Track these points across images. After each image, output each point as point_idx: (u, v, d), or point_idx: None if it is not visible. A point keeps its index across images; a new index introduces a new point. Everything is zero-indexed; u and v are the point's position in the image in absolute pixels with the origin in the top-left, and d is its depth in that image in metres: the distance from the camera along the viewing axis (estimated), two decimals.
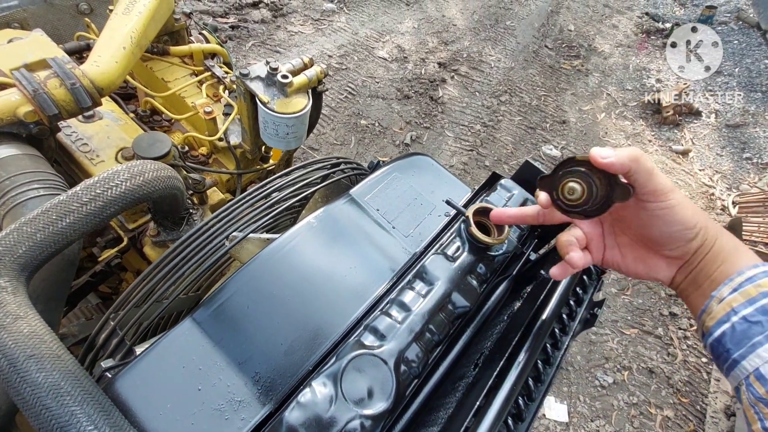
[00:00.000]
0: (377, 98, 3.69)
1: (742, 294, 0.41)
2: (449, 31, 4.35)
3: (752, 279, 0.41)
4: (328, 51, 3.96)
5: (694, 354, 2.85)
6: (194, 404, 0.54)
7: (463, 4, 4.68)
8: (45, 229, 0.54)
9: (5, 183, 0.64)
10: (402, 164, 0.84)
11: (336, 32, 4.16)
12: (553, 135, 3.67)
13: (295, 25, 4.17)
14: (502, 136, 3.61)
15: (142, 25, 0.83)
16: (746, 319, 0.40)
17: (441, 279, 0.59)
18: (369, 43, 4.09)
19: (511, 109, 3.81)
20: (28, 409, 0.43)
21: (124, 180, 0.60)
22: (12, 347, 0.46)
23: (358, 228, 0.72)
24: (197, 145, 1.03)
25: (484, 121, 3.69)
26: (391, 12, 4.45)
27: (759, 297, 0.40)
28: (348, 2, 4.44)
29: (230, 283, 0.62)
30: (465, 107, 3.76)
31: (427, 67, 4.00)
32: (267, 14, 4.17)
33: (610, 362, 2.69)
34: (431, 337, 0.56)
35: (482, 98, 3.85)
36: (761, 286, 0.40)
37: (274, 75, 0.80)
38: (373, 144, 3.39)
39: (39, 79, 0.68)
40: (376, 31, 4.24)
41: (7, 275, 0.52)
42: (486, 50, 4.24)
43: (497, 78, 4.03)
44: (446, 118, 3.68)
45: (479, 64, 4.10)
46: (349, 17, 4.32)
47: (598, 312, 0.71)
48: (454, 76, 3.98)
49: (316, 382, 0.48)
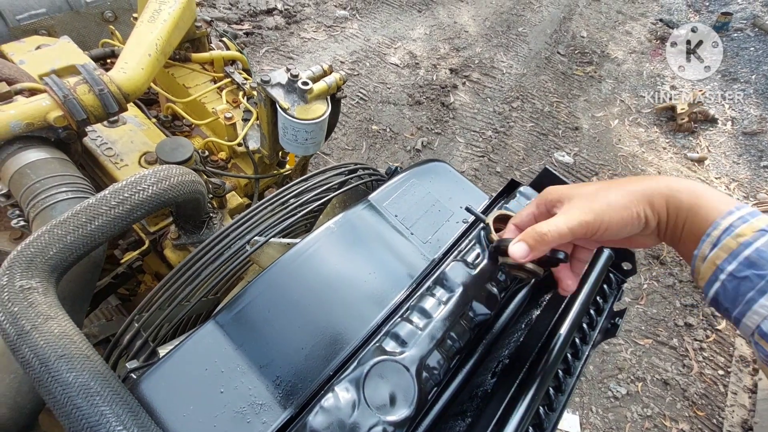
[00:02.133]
0: (389, 104, 3.71)
1: (723, 249, 0.39)
2: (461, 38, 4.36)
3: (729, 230, 0.39)
4: (341, 57, 4.00)
5: (710, 366, 2.79)
6: (216, 407, 0.54)
7: (475, 10, 4.69)
8: (75, 231, 0.56)
9: (35, 186, 0.66)
10: (420, 170, 0.84)
11: (348, 39, 4.20)
12: (565, 141, 3.65)
13: (308, 31, 4.23)
14: (513, 143, 3.60)
15: (167, 33, 0.85)
16: (734, 276, 0.38)
17: (461, 286, 0.59)
18: (381, 50, 4.12)
19: (522, 115, 3.80)
20: (58, 408, 0.44)
21: (151, 184, 0.61)
22: (43, 347, 0.47)
23: (376, 234, 0.73)
24: (217, 149, 1.05)
25: (495, 127, 3.68)
26: (403, 19, 4.48)
27: (741, 249, 0.38)
28: (360, 9, 4.49)
29: (252, 287, 0.63)
30: (476, 113, 3.76)
31: (438, 73, 4.01)
32: (281, 21, 4.23)
33: (624, 373, 2.65)
34: (452, 345, 0.56)
35: (494, 104, 3.84)
36: (740, 236, 0.38)
37: (295, 82, 0.82)
38: (384, 149, 3.40)
39: (69, 85, 0.70)
40: (388, 37, 4.27)
41: (39, 276, 0.53)
42: (498, 56, 4.24)
43: (509, 84, 4.02)
44: (457, 124, 3.68)
45: (491, 71, 4.10)
46: (361, 24, 4.36)
47: (620, 322, 0.70)
48: (466, 82, 3.99)
49: (339, 387, 0.49)
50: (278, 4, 4.32)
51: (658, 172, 3.56)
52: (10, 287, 0.51)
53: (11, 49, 0.98)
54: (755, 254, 0.37)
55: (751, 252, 0.37)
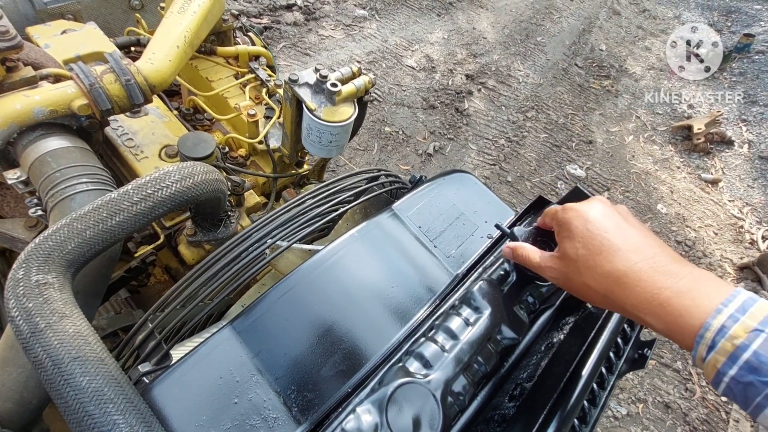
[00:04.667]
0: (403, 106, 3.69)
1: (720, 353, 0.38)
2: (479, 44, 4.34)
3: (723, 331, 0.38)
4: (357, 56, 3.98)
5: (714, 392, 2.74)
6: (230, 418, 0.52)
7: (495, 17, 4.66)
8: (95, 226, 0.54)
9: (56, 175, 0.64)
10: (445, 181, 0.82)
11: (366, 38, 4.18)
12: (578, 155, 3.61)
13: (327, 29, 4.21)
14: (526, 153, 3.57)
15: (196, 25, 0.83)
16: (738, 381, 0.38)
17: (489, 307, 0.57)
18: (398, 51, 4.10)
19: (537, 125, 3.77)
20: (70, 413, 0.42)
21: (175, 181, 0.59)
22: (57, 347, 0.45)
23: (400, 245, 0.71)
24: (236, 146, 1.03)
25: (508, 136, 3.65)
26: (422, 21, 4.46)
27: (738, 352, 0.37)
28: (380, 10, 4.47)
29: (271, 294, 0.60)
30: (490, 121, 3.73)
31: (454, 78, 3.98)
32: (300, 17, 4.22)
33: (625, 393, 2.61)
34: (478, 369, 0.53)
35: (508, 113, 3.81)
36: (735, 338, 0.38)
37: (324, 83, 0.79)
38: (395, 152, 3.38)
39: (95, 74, 0.68)
40: (406, 39, 4.25)
41: (55, 271, 0.51)
42: (515, 65, 4.21)
43: (525, 93, 3.99)
44: (471, 131, 3.65)
45: (507, 79, 4.07)
46: (379, 24, 4.34)
47: (648, 353, 0.67)
48: (481, 89, 3.96)
49: (361, 408, 0.46)
50: (298, 0, 4.31)
51: (670, 191, 3.52)
52: (25, 282, 0.49)
53: (37, 32, 0.96)
54: (754, 359, 0.37)
55: (749, 356, 0.37)
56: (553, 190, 3.35)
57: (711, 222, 3.39)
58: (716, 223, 3.39)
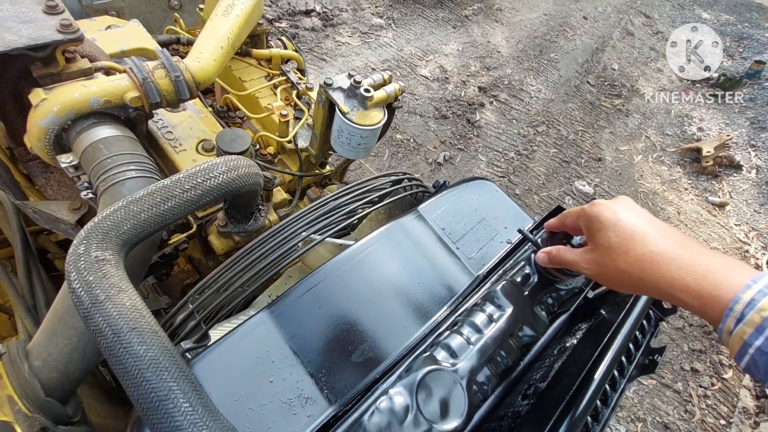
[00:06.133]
0: (415, 115, 3.74)
1: (748, 324, 0.40)
2: (493, 57, 4.40)
3: (751, 304, 0.41)
4: (372, 64, 4.05)
5: (713, 415, 2.74)
6: (266, 395, 0.56)
7: (509, 32, 4.74)
8: (149, 210, 0.58)
9: (107, 161, 0.68)
10: (468, 187, 0.86)
11: (382, 47, 4.26)
12: (587, 171, 3.65)
13: (344, 36, 4.29)
14: (535, 167, 3.60)
15: (238, 28, 0.88)
16: (763, 351, 0.40)
17: (511, 305, 0.60)
18: (412, 61, 4.17)
19: (547, 140, 3.81)
20: (128, 379, 0.46)
21: (222, 173, 0.63)
22: (116, 318, 0.49)
23: (425, 244, 0.74)
24: (265, 144, 1.07)
25: (518, 149, 3.69)
26: (437, 33, 4.54)
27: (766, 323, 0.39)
28: (396, 19, 4.55)
29: (305, 283, 0.64)
30: (501, 133, 3.78)
31: (467, 89, 4.04)
32: (318, 23, 4.30)
33: (624, 411, 2.61)
34: (501, 362, 0.57)
35: (519, 126, 3.86)
36: (763, 310, 0.40)
37: (357, 88, 0.84)
38: (406, 159, 3.43)
39: (148, 69, 0.73)
40: (421, 49, 4.32)
41: (112, 249, 0.55)
42: (527, 80, 4.26)
43: (536, 108, 4.04)
44: (481, 142, 3.70)
45: (519, 93, 4.12)
46: (396, 33, 4.42)
47: (659, 359, 0.70)
48: (493, 102, 4.01)
49: (393, 390, 0.50)
50: (317, 6, 4.40)
51: (677, 212, 3.54)
52: (86, 257, 0.53)
53: (83, 26, 1.01)
54: None
55: None
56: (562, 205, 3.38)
57: (717, 245, 3.40)
58: (722, 246, 3.40)
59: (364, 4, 4.62)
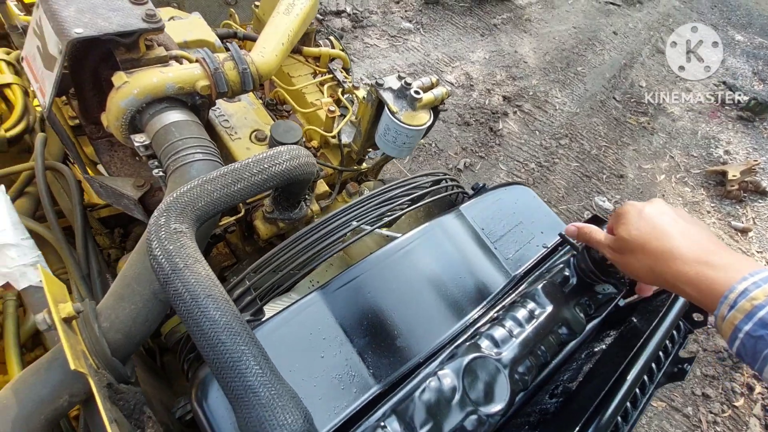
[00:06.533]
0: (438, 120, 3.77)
1: (739, 310, 0.44)
2: (519, 67, 4.41)
3: (744, 293, 0.44)
4: (398, 67, 4.10)
5: None
6: (317, 369, 0.60)
7: (537, 43, 4.74)
8: (221, 189, 0.63)
9: (178, 143, 0.73)
10: (507, 191, 0.89)
11: (409, 51, 4.31)
12: (608, 187, 3.63)
13: (372, 38, 4.35)
14: (555, 179, 3.60)
15: (297, 26, 0.93)
16: (750, 335, 0.43)
17: (551, 304, 0.63)
18: (439, 66, 4.21)
19: (569, 153, 3.80)
20: (205, 340, 0.50)
21: (286, 160, 0.68)
22: (194, 284, 0.54)
23: (466, 241, 0.78)
24: (309, 138, 1.12)
25: (539, 161, 3.69)
26: (465, 39, 4.57)
27: (755, 310, 0.43)
28: (425, 24, 4.60)
29: (356, 268, 0.68)
30: (523, 144, 3.79)
31: (491, 98, 4.06)
32: (347, 24, 4.38)
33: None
34: (540, 356, 0.60)
35: (541, 138, 3.86)
36: (754, 299, 0.43)
37: (407, 89, 0.88)
38: (426, 163, 3.46)
39: (219, 60, 0.78)
40: (448, 55, 4.36)
41: (187, 222, 0.60)
42: (553, 92, 4.26)
43: (560, 121, 4.03)
44: (502, 151, 3.71)
45: (544, 104, 4.13)
46: (423, 38, 4.46)
47: (688, 368, 0.72)
48: (517, 112, 4.02)
49: (442, 372, 0.53)
50: (347, 8, 4.47)
51: None
52: (166, 228, 0.58)
53: None
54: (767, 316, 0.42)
55: (764, 314, 0.42)
56: (580, 219, 3.37)
57: None
58: None
59: (395, 8, 4.68)
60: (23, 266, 0.76)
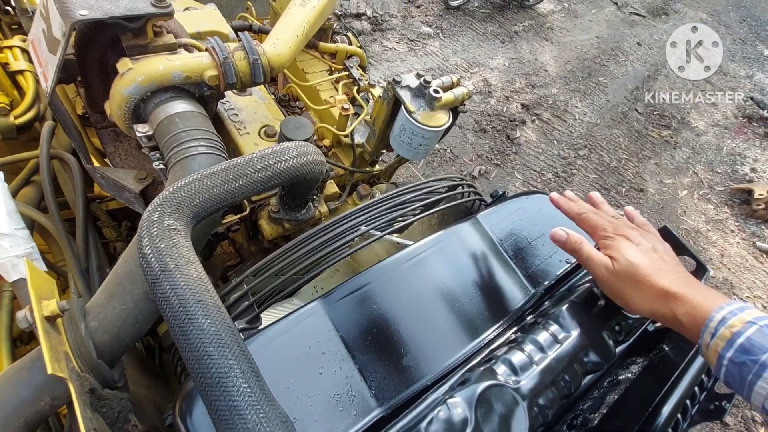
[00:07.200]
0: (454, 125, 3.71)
1: (720, 338, 0.47)
2: (539, 75, 4.33)
3: (723, 322, 0.47)
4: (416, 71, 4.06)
5: None
6: (314, 387, 0.54)
7: (558, 52, 4.66)
8: (221, 185, 0.58)
9: (181, 135, 0.69)
10: (528, 200, 0.83)
11: (428, 55, 4.27)
12: (627, 201, 3.51)
13: (391, 41, 4.32)
14: (573, 190, 3.50)
15: (313, 18, 0.89)
16: (733, 362, 0.46)
17: (577, 328, 0.57)
18: (457, 71, 4.15)
19: (587, 164, 3.70)
20: (190, 350, 0.46)
21: (292, 157, 0.63)
22: (183, 288, 0.49)
23: (482, 253, 0.72)
24: (320, 136, 1.08)
25: (557, 171, 3.60)
26: (484, 46, 4.51)
27: (734, 338, 0.46)
28: (445, 29, 4.55)
29: (361, 278, 0.63)
30: (540, 153, 3.70)
31: (509, 105, 3.99)
32: (367, 26, 4.36)
33: None
34: (564, 386, 0.53)
35: (560, 148, 3.77)
36: (732, 327, 0.46)
37: (426, 88, 0.83)
38: (440, 169, 3.40)
39: (229, 49, 0.74)
40: (467, 61, 4.30)
41: (182, 219, 0.56)
42: (573, 101, 4.17)
43: (579, 131, 3.94)
44: (519, 160, 3.63)
45: (563, 114, 4.03)
46: (443, 43, 4.42)
47: (727, 406, 0.65)
48: (535, 120, 3.94)
49: (452, 401, 0.47)
50: (368, 11, 4.46)
51: (720, 254, 3.36)
52: (159, 225, 0.53)
53: None
54: (747, 342, 0.45)
55: (743, 340, 0.45)
56: None
57: (761, 294, 3.20)
58: (766, 295, 3.20)
59: (415, 12, 4.65)
60: (15, 257, 0.73)
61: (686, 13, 5.92)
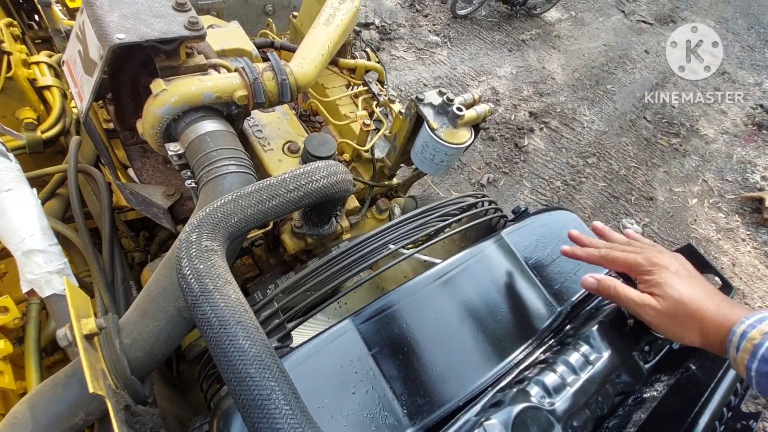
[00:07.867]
0: None
1: (744, 351, 0.49)
2: (546, 83, 4.34)
3: (744, 335, 0.49)
4: (424, 80, 4.08)
5: None
6: (348, 406, 0.55)
7: (566, 60, 4.67)
8: (256, 206, 0.59)
9: (212, 154, 0.71)
10: (551, 217, 0.84)
11: (436, 64, 4.29)
12: (636, 209, 3.50)
13: (399, 50, 4.36)
14: (581, 198, 3.50)
15: (337, 37, 0.91)
16: (759, 372, 0.47)
17: (609, 349, 0.57)
18: (465, 80, 4.17)
19: (596, 172, 3.69)
20: (232, 372, 0.46)
21: (322, 177, 0.64)
22: (223, 309, 0.50)
23: (508, 272, 0.72)
24: (341, 151, 1.09)
25: (565, 179, 3.59)
26: (492, 54, 4.53)
27: (756, 349, 0.48)
28: (452, 38, 4.58)
29: (392, 296, 0.64)
30: (548, 161, 3.70)
31: (517, 113, 3.99)
32: (375, 36, 4.40)
33: None
34: (597, 408, 0.54)
35: (568, 156, 3.77)
36: (753, 339, 0.48)
37: (449, 105, 0.84)
38: (448, 177, 3.41)
39: (258, 70, 0.76)
40: (475, 69, 4.32)
41: (219, 240, 0.57)
42: (581, 109, 4.17)
43: (587, 139, 3.93)
44: (527, 168, 3.63)
45: (571, 122, 4.04)
46: (450, 52, 4.45)
47: (754, 425, 0.65)
48: (543, 128, 3.94)
49: (488, 424, 0.48)
50: (376, 20, 4.50)
51: (732, 263, 3.33)
52: (197, 245, 0.55)
53: None
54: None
55: (764, 351, 0.47)
56: None
57: None
58: None
59: (422, 21, 4.69)
60: (48, 273, 0.74)
61: (693, 20, 5.91)
